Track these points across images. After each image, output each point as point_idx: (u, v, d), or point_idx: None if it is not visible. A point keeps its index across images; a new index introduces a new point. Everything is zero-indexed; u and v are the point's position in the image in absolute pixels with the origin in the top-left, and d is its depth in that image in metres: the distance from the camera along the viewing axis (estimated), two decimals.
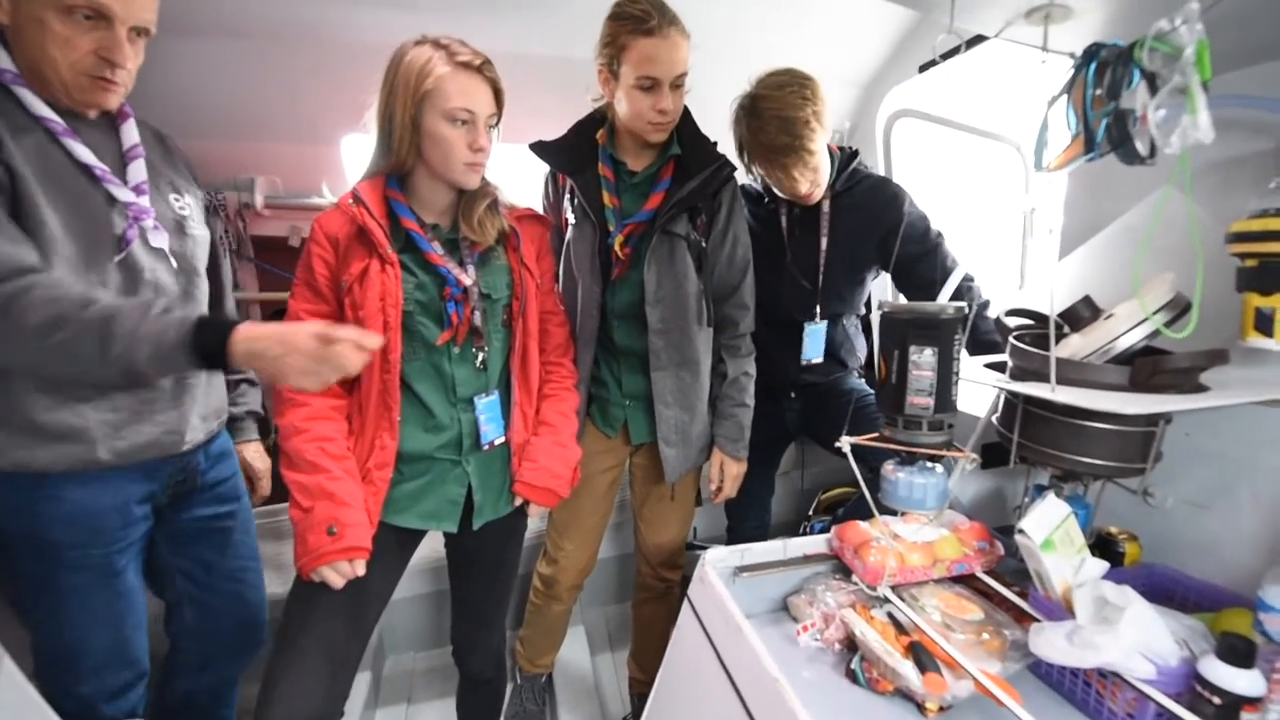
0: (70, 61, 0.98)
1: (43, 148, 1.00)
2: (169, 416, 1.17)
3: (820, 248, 1.65)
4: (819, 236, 1.65)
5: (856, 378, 1.88)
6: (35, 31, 0.96)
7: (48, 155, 1.00)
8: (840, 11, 1.83)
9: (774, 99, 1.46)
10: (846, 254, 1.66)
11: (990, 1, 0.95)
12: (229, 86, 1.72)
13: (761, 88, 1.50)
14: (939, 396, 0.94)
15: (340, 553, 1.08)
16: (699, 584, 1.17)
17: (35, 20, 0.96)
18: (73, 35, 0.97)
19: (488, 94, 1.13)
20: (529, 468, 1.29)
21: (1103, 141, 0.83)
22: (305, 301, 1.17)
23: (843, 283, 1.69)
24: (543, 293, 1.33)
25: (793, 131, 1.45)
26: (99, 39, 0.99)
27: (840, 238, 1.65)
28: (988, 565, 1.16)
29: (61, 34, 0.97)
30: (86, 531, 1.12)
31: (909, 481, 1.01)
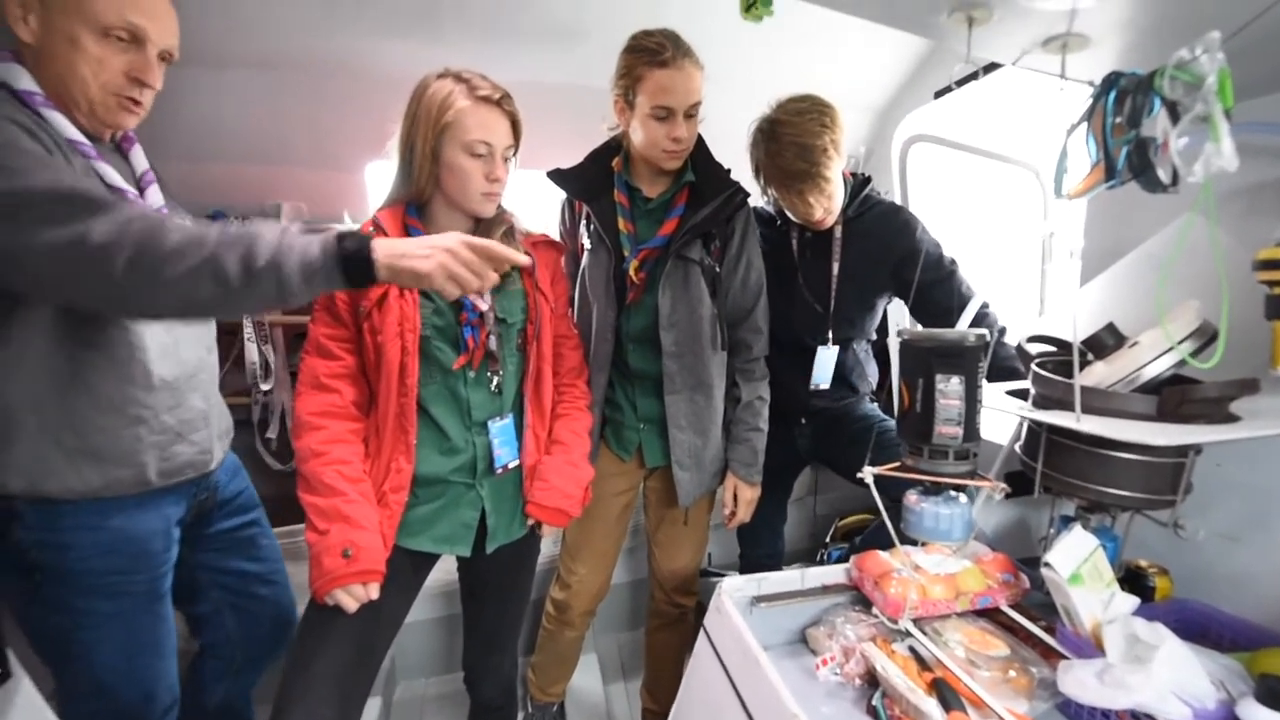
0: (101, 82, 0.99)
1: (87, 172, 1.01)
2: (201, 436, 1.19)
3: (832, 273, 1.65)
4: (830, 261, 1.65)
5: (869, 403, 1.86)
6: (66, 50, 0.96)
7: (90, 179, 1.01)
8: (856, 39, 1.85)
9: (793, 125, 1.47)
10: (857, 279, 1.65)
11: (1007, 31, 0.95)
12: (260, 114, 1.77)
13: (781, 113, 1.51)
14: (966, 425, 0.93)
15: (354, 575, 1.08)
16: (715, 614, 1.15)
17: (68, 39, 0.96)
18: (106, 56, 0.98)
19: (505, 127, 1.16)
20: (540, 488, 1.28)
21: (1123, 169, 0.83)
22: (325, 326, 1.19)
23: (854, 308, 1.69)
24: (557, 317, 1.34)
25: (810, 159, 1.46)
26: (130, 60, 1.00)
27: (851, 263, 1.65)
28: (1012, 599, 1.12)
29: (95, 54, 0.97)
30: (130, 558, 1.11)
31: (934, 512, 0.99)
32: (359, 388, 1.22)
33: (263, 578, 1.41)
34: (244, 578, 1.38)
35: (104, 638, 1.11)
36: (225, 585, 1.36)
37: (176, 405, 1.13)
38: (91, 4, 0.95)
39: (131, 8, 0.98)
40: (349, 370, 1.20)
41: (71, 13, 0.95)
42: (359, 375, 1.21)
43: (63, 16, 0.95)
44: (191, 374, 1.16)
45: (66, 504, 1.03)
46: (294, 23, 1.57)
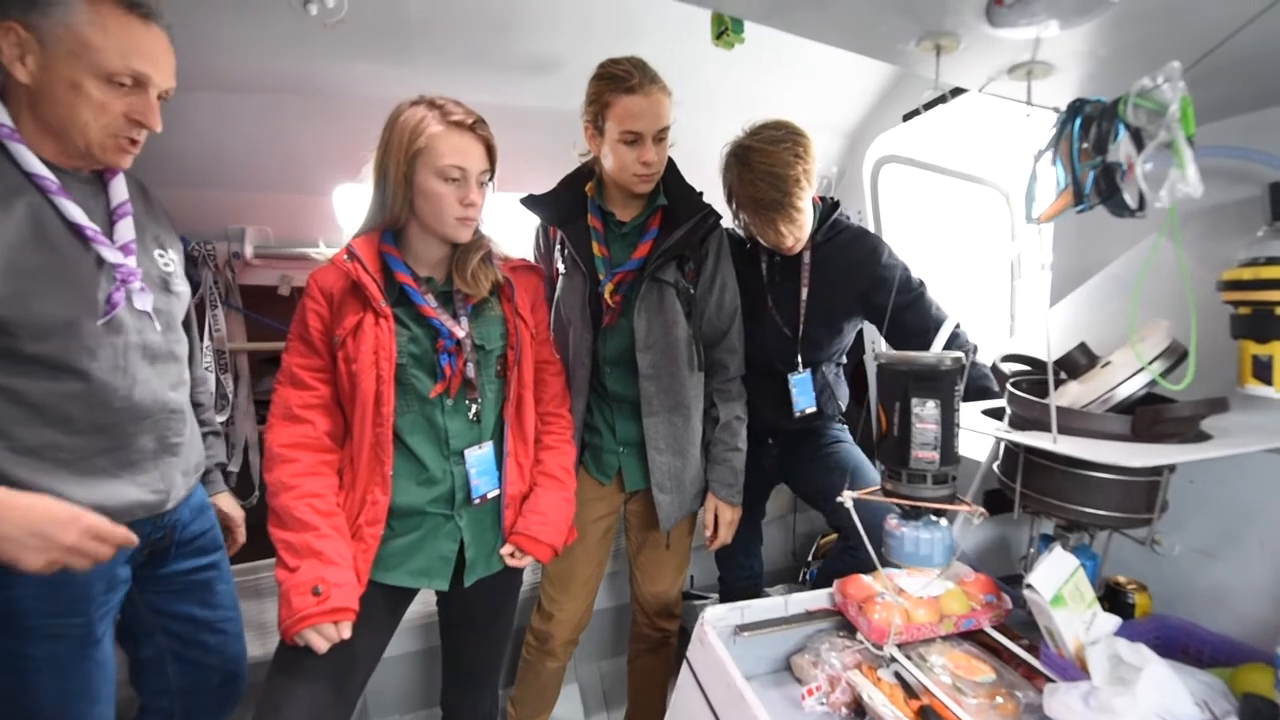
0: (102, 124, 1.00)
1: (36, 210, 0.98)
2: (150, 478, 1.13)
3: (800, 297, 1.66)
4: (800, 285, 1.66)
5: (837, 426, 1.85)
6: (68, 94, 0.97)
7: (41, 217, 0.99)
8: (827, 62, 1.88)
9: (766, 153, 1.47)
10: (825, 304, 1.66)
11: (973, 59, 0.97)
12: (221, 137, 1.72)
13: (755, 139, 1.51)
14: (943, 449, 0.93)
15: (325, 614, 1.04)
16: (698, 645, 1.12)
17: (70, 84, 0.96)
18: (109, 100, 0.99)
19: (479, 151, 1.15)
20: (536, 520, 1.26)
21: (1091, 193, 0.84)
22: (299, 356, 1.17)
23: (822, 332, 1.69)
24: (538, 342, 1.33)
25: (782, 189, 1.46)
26: (131, 103, 1.01)
27: (819, 287, 1.65)
28: (996, 620, 1.12)
29: (98, 99, 0.98)
30: (68, 601, 1.06)
31: (914, 537, 0.98)
32: (333, 418, 1.18)
33: (212, 626, 1.33)
34: (193, 624, 1.31)
35: (36, 683, 1.06)
36: (171, 631, 1.29)
37: (117, 447, 1.09)
38: (98, 53, 0.96)
39: (137, 55, 0.99)
40: (323, 400, 1.17)
41: (76, 59, 0.95)
42: (333, 405, 1.18)
43: (66, 62, 0.95)
44: (144, 415, 1.11)
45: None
46: (261, 44, 1.54)
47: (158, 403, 1.13)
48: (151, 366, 1.13)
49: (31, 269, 0.96)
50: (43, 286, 0.97)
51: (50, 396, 1.00)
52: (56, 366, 1.00)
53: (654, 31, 1.60)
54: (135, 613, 1.25)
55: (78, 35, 0.95)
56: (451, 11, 1.57)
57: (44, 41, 0.94)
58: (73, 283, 1.01)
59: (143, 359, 1.11)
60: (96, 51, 0.96)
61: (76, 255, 1.02)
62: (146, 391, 1.11)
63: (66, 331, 1.00)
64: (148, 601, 1.25)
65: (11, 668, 1.04)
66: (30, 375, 0.99)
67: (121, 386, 1.07)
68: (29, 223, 0.97)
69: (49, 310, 0.98)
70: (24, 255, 0.96)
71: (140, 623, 1.27)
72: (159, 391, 1.14)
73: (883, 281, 1.57)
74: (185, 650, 1.31)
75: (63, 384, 1.01)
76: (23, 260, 0.95)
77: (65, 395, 1.02)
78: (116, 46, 0.97)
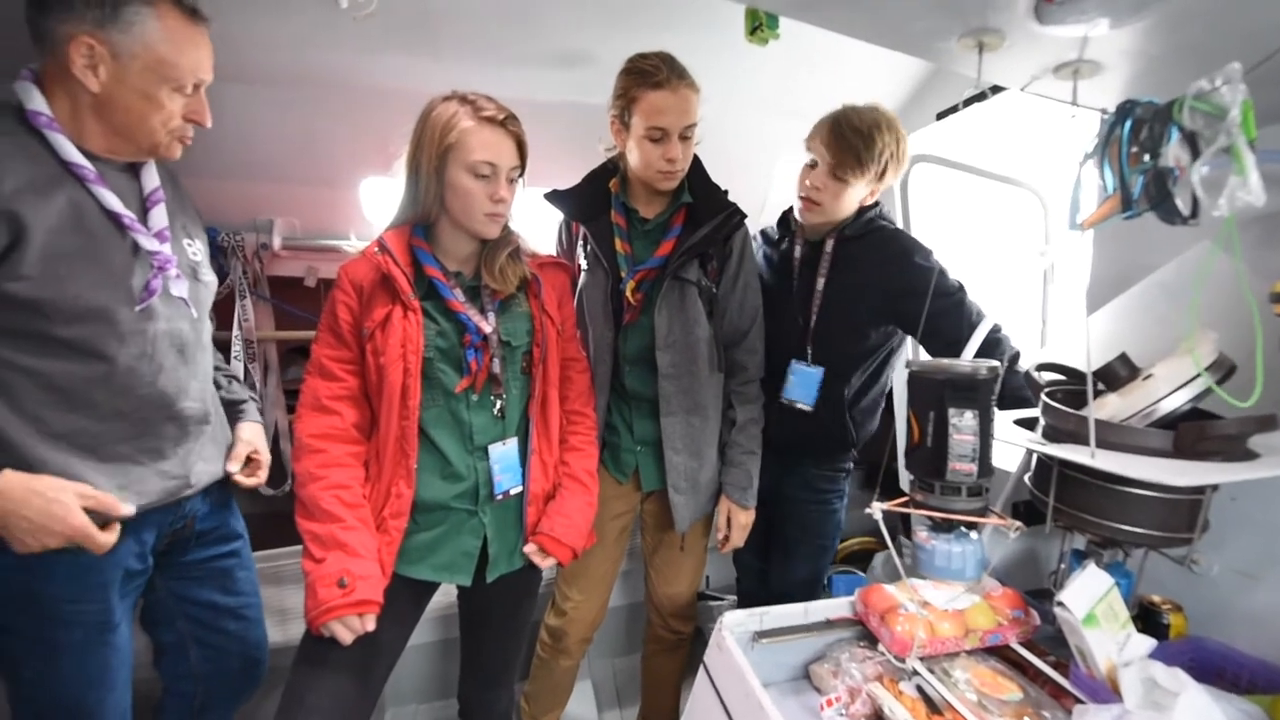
0: (169, 128, 1.05)
1: (76, 199, 1.00)
2: (173, 465, 1.15)
3: (817, 287, 1.59)
4: (817, 276, 1.60)
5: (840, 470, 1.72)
6: (140, 103, 1.01)
7: (81, 206, 1.00)
8: (857, 59, 1.84)
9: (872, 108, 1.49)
10: (845, 299, 1.57)
11: (1017, 56, 0.93)
12: (251, 129, 1.74)
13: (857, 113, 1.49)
14: (981, 461, 0.90)
15: (350, 606, 1.05)
16: (716, 650, 1.11)
17: (144, 95, 1.00)
18: (174, 107, 1.04)
19: (510, 147, 1.14)
20: (560, 521, 1.25)
21: (1140, 199, 0.81)
22: (328, 347, 1.18)
23: (837, 327, 1.58)
24: (565, 339, 1.32)
25: (867, 135, 1.44)
26: (189, 103, 1.06)
27: (840, 282, 1.57)
28: (1023, 636, 1.09)
29: (168, 108, 1.03)
30: (86, 587, 1.08)
31: (946, 550, 0.95)
32: (360, 410, 1.19)
33: (233, 612, 1.35)
34: (214, 610, 1.32)
35: (55, 666, 1.07)
36: (192, 616, 1.31)
37: (140, 434, 1.10)
38: (174, 69, 1.01)
39: (202, 67, 1.05)
40: (351, 392, 1.18)
41: (152, 73, 1.00)
42: (361, 397, 1.19)
43: (141, 75, 0.99)
44: (168, 403, 1.12)
45: None
46: (291, 38, 1.55)
47: (181, 391, 1.14)
48: (179, 355, 1.14)
49: (68, 253, 0.98)
50: (79, 270, 0.99)
51: (75, 380, 1.02)
52: (84, 351, 1.01)
53: (681, 24, 1.57)
54: (157, 599, 1.27)
55: (153, 51, 0.99)
56: (479, 5, 1.56)
57: (118, 56, 0.97)
58: (108, 268, 1.02)
59: (170, 347, 1.12)
60: (172, 67, 1.01)
61: (113, 242, 1.03)
62: (171, 380, 1.12)
63: (99, 317, 1.01)
64: (169, 588, 1.27)
65: (31, 650, 1.05)
66: (59, 358, 1.00)
67: (147, 373, 1.08)
68: (68, 209, 0.98)
69: (83, 294, 0.99)
70: (62, 239, 0.97)
71: (162, 608, 1.29)
72: (183, 380, 1.15)
73: (914, 286, 1.45)
74: (206, 635, 1.33)
75: (88, 368, 1.02)
76: (60, 244, 0.97)
77: (89, 379, 1.03)
78: (189, 63, 1.02)
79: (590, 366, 1.44)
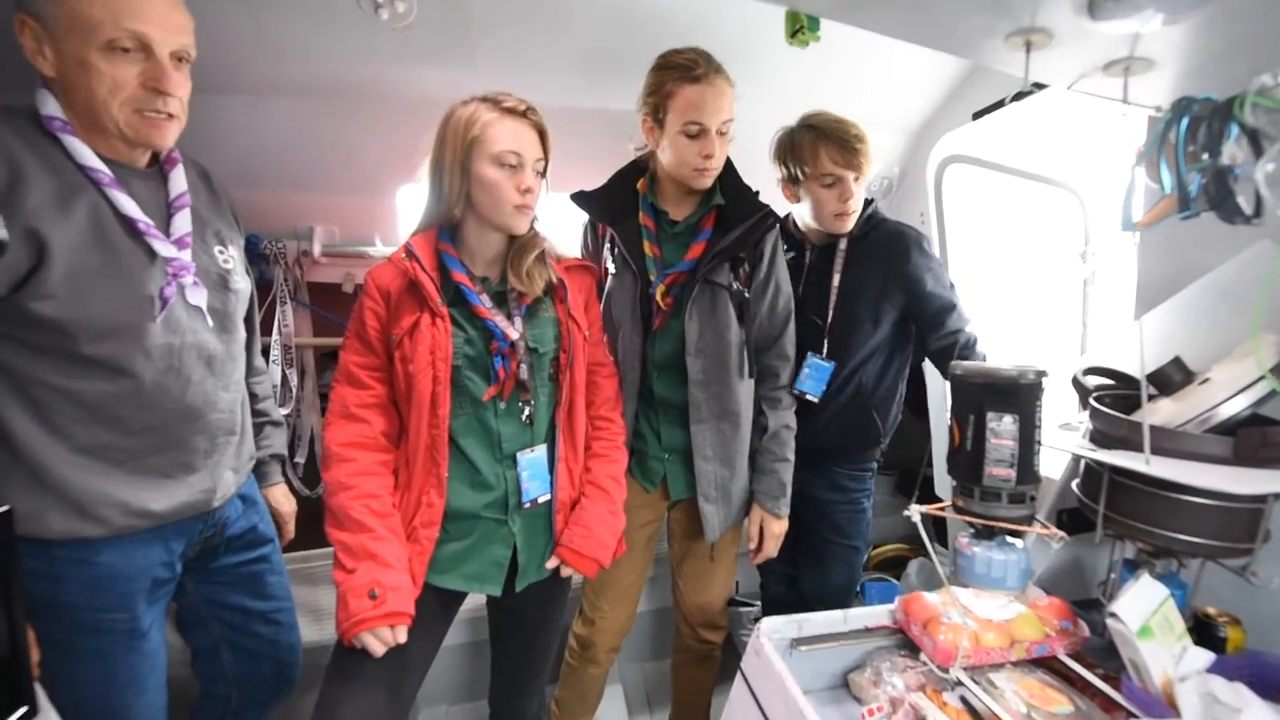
0: (121, 100, 0.95)
1: (95, 208, 0.98)
2: (200, 477, 1.14)
3: (833, 284, 1.62)
4: (833, 273, 1.63)
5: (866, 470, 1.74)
6: (81, 76, 0.93)
7: (99, 216, 0.98)
8: (891, 59, 1.82)
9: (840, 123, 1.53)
10: (858, 295, 1.62)
11: (1065, 54, 0.92)
12: (293, 140, 1.78)
13: (817, 119, 1.55)
14: (1021, 467, 0.88)
15: (381, 619, 1.05)
16: (753, 656, 1.10)
17: (79, 64, 0.92)
18: (118, 73, 0.94)
19: (533, 137, 1.14)
20: (580, 534, 1.23)
21: (1198, 198, 0.78)
22: (356, 354, 1.17)
23: (852, 323, 1.63)
24: (591, 344, 1.31)
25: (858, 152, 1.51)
26: (143, 71, 0.96)
27: (853, 278, 1.62)
28: (1071, 648, 1.06)
29: (108, 74, 0.93)
30: (116, 596, 1.08)
31: (987, 558, 0.93)
32: (389, 417, 1.18)
33: (265, 616, 1.35)
34: (245, 615, 1.33)
35: (83, 673, 1.08)
36: (224, 620, 1.32)
37: (170, 447, 1.09)
38: (89, 20, 0.91)
39: (129, 15, 0.93)
40: (379, 400, 1.17)
41: (76, 35, 0.92)
42: (389, 405, 1.18)
43: (69, 41, 0.92)
44: (197, 416, 1.12)
45: (58, 543, 1.02)
46: (331, 50, 1.58)
47: (209, 404, 1.13)
48: (206, 367, 1.12)
49: (90, 270, 0.96)
50: (101, 288, 0.97)
51: (103, 397, 1.01)
52: (111, 368, 1.00)
53: (708, 25, 1.57)
54: (190, 603, 1.28)
55: (68, 7, 0.91)
56: (515, 15, 1.58)
57: (49, 27, 0.92)
58: (129, 282, 1.00)
59: (197, 360, 1.10)
60: (89, 20, 0.91)
61: (132, 253, 1.01)
62: (199, 393, 1.11)
63: (123, 333, 1.00)
64: (201, 592, 1.28)
65: (62, 656, 1.04)
66: (86, 376, 0.99)
67: (174, 388, 1.07)
68: (89, 222, 0.97)
69: (107, 312, 0.98)
70: (84, 257, 0.96)
71: (195, 612, 1.30)
72: (211, 392, 1.14)
73: (921, 275, 1.59)
74: (239, 639, 1.34)
75: (116, 385, 1.01)
76: (82, 262, 0.95)
77: (118, 396, 1.02)
78: (105, 9, 0.91)
79: (618, 372, 1.43)
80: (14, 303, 0.92)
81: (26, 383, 0.98)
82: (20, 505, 0.97)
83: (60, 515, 1.01)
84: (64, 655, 1.05)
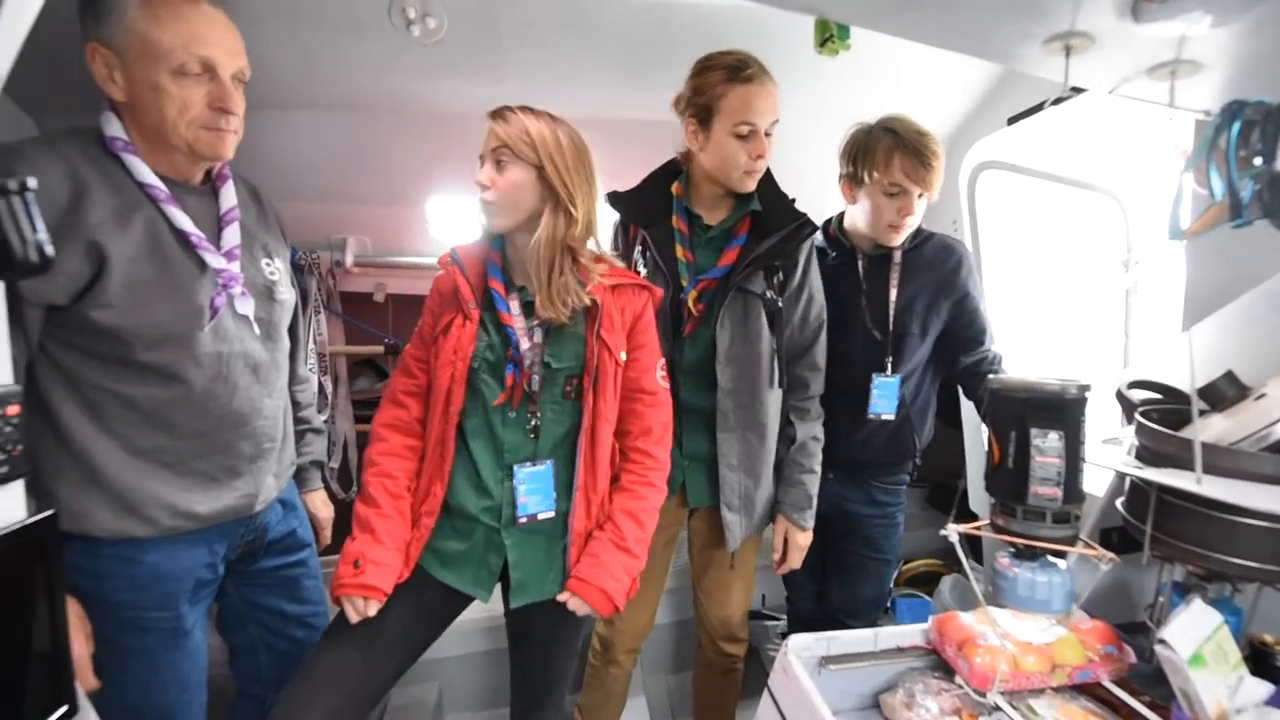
0: (189, 119, 1.02)
1: (151, 223, 1.03)
2: (244, 481, 1.18)
3: (890, 298, 1.59)
4: (889, 287, 1.59)
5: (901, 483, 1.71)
6: (152, 99, 0.99)
7: (155, 230, 1.03)
8: (922, 65, 1.79)
9: (920, 134, 1.49)
10: (912, 308, 1.60)
11: (1107, 58, 0.89)
12: (326, 153, 1.83)
13: (898, 124, 1.51)
14: (1067, 486, 0.84)
15: (356, 588, 1.10)
16: (781, 674, 1.08)
17: (151, 87, 0.99)
18: (186, 94, 1.00)
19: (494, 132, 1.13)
20: (588, 562, 1.19)
21: (1251, 205, 0.75)
22: (413, 347, 1.27)
23: (909, 337, 1.61)
24: (637, 370, 1.25)
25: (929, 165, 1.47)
26: (209, 92, 1.02)
27: (908, 292, 1.59)
28: (1116, 674, 1.02)
29: (177, 95, 1.00)
30: (160, 595, 1.11)
31: (1030, 580, 0.90)
32: (427, 406, 1.25)
33: (301, 620, 1.38)
34: (282, 618, 1.36)
35: (127, 670, 1.10)
36: (262, 622, 1.35)
37: (216, 452, 1.13)
38: (160, 47, 0.97)
39: (197, 41, 1.00)
40: (420, 389, 1.25)
41: (148, 61, 0.98)
42: (428, 395, 1.24)
43: (141, 66, 0.98)
44: (243, 422, 1.16)
45: (105, 541, 1.06)
46: (364, 64, 1.62)
47: (255, 410, 1.17)
48: (252, 375, 1.16)
49: (146, 281, 1.01)
50: (156, 297, 1.02)
51: (156, 402, 1.06)
52: (164, 374, 1.05)
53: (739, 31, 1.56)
54: (230, 603, 1.32)
55: (140, 36, 0.97)
56: (544, 29, 1.60)
57: (120, 54, 0.98)
58: (183, 294, 1.05)
59: (244, 367, 1.14)
60: (159, 47, 0.97)
61: (185, 265, 1.06)
62: (245, 400, 1.15)
63: (176, 341, 1.05)
64: (241, 594, 1.32)
65: (107, 652, 1.07)
66: (141, 382, 1.04)
67: (222, 394, 1.11)
68: (145, 236, 1.02)
69: (161, 321, 1.03)
70: (140, 268, 1.01)
71: (235, 613, 1.34)
72: (256, 399, 1.17)
73: (969, 290, 1.59)
74: (275, 641, 1.37)
75: (168, 390, 1.06)
76: (139, 273, 1.00)
77: (170, 401, 1.06)
78: (176, 37, 0.98)
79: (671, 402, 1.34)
80: (75, 311, 0.98)
81: (85, 386, 1.03)
82: (71, 503, 1.03)
83: (110, 514, 1.05)
84: (109, 651, 1.08)
